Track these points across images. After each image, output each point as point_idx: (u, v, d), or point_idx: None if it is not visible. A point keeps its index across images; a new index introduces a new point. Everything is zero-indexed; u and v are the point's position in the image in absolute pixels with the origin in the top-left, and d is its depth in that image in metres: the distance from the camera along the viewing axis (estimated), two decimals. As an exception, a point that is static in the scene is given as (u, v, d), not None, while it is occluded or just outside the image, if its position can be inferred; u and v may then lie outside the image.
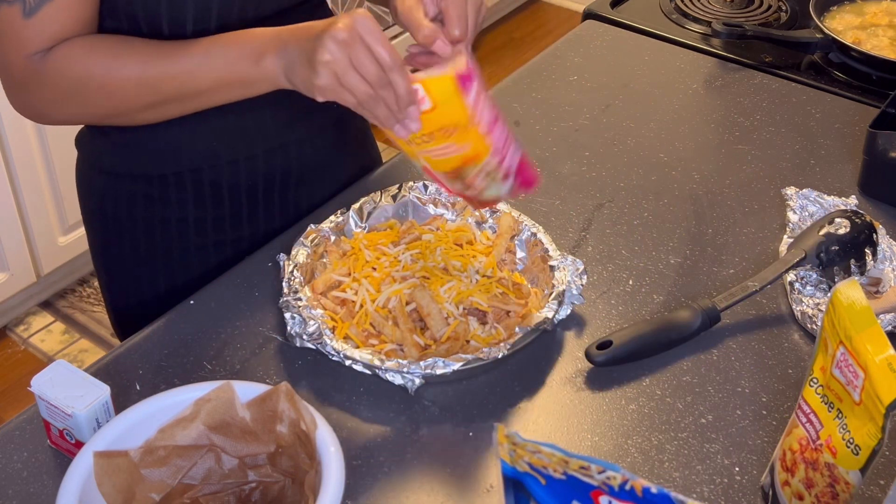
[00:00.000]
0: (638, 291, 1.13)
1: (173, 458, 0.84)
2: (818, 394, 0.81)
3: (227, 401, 0.84)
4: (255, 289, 1.12)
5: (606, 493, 0.59)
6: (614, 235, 1.21)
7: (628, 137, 1.39)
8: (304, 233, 1.12)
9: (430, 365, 0.97)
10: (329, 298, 1.07)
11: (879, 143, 1.24)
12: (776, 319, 1.10)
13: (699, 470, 0.93)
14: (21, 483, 0.91)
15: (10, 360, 2.42)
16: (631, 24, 1.67)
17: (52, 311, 2.53)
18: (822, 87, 1.51)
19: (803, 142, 1.38)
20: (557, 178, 1.30)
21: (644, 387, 1.02)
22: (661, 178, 1.31)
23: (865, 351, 0.74)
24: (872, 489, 0.92)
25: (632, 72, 1.54)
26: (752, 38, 1.61)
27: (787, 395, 1.00)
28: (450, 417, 0.98)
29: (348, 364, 0.99)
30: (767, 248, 1.19)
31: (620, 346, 1.02)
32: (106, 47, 1.00)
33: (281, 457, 0.85)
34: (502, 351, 0.99)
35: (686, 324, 1.05)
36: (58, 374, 0.91)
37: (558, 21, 3.79)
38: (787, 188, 1.26)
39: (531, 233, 1.13)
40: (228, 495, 0.86)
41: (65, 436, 0.91)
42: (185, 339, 1.05)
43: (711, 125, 1.42)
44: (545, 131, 1.40)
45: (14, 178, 2.22)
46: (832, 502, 0.81)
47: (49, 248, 2.39)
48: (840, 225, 1.13)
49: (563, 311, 1.05)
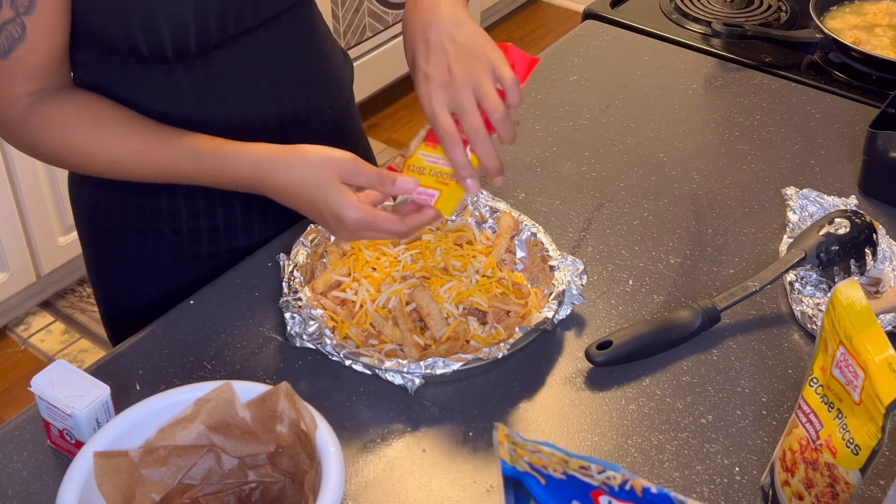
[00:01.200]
0: (638, 291, 1.13)
1: (173, 458, 0.84)
2: (818, 394, 0.81)
3: (227, 401, 0.84)
4: (255, 289, 1.12)
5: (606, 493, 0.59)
6: (614, 235, 1.21)
7: (628, 137, 1.39)
8: (304, 233, 1.12)
9: (430, 365, 0.97)
10: (329, 298, 1.07)
11: (879, 143, 1.24)
12: (776, 319, 1.10)
13: (699, 470, 0.93)
14: (21, 483, 0.91)
15: (10, 360, 2.42)
16: (631, 24, 1.67)
17: (52, 311, 2.53)
18: (822, 87, 1.51)
19: (803, 142, 1.38)
20: (557, 178, 1.30)
21: (644, 387, 1.02)
22: (661, 178, 1.31)
23: (865, 351, 0.74)
24: (872, 489, 0.92)
25: (632, 72, 1.54)
26: (752, 38, 1.61)
27: (787, 395, 1.00)
28: (450, 417, 0.98)
29: (348, 364, 0.99)
30: (767, 248, 1.19)
31: (620, 346, 1.02)
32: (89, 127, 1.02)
33: (281, 457, 0.85)
34: (502, 351, 0.99)
35: (686, 324, 1.05)
36: (58, 374, 0.91)
37: (558, 21, 3.79)
38: (787, 188, 1.26)
39: (531, 233, 1.13)
40: (228, 495, 0.86)
41: (65, 436, 0.91)
42: (185, 339, 1.05)
43: (711, 125, 1.42)
44: (545, 131, 1.40)
45: (14, 178, 2.22)
46: (832, 502, 0.81)
47: (49, 248, 2.39)
48: (840, 225, 1.13)
49: (563, 311, 1.05)
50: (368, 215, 0.94)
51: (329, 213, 0.95)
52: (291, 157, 0.97)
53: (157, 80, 1.05)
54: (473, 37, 0.95)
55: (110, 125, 1.02)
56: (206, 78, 1.06)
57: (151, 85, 1.05)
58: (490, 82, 0.94)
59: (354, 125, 1.29)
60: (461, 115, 0.94)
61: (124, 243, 1.18)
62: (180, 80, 1.05)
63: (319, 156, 0.96)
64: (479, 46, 0.94)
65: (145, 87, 1.05)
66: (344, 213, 0.94)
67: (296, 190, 0.97)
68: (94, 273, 1.25)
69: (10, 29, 0.95)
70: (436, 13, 0.96)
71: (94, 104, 1.03)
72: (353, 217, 0.94)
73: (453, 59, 0.94)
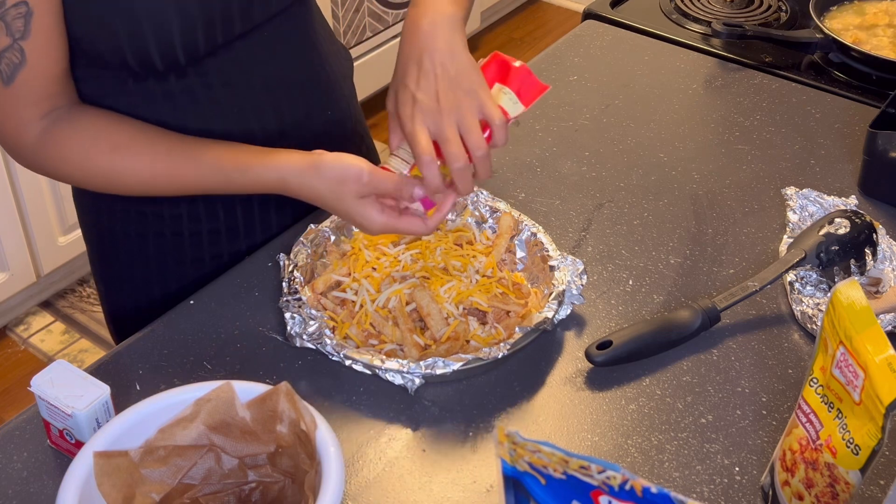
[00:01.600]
0: (638, 291, 1.13)
1: (173, 458, 0.84)
2: (818, 394, 0.81)
3: (227, 401, 0.84)
4: (255, 289, 1.12)
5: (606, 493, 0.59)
6: (614, 235, 1.21)
7: (628, 137, 1.39)
8: (305, 233, 1.12)
9: (430, 365, 0.97)
10: (329, 298, 1.07)
11: (879, 143, 1.24)
12: (776, 319, 1.10)
13: (699, 470, 0.93)
14: (21, 483, 0.91)
15: (10, 360, 2.42)
16: (631, 24, 1.67)
17: (52, 311, 2.53)
18: (822, 87, 1.51)
19: (803, 142, 1.38)
20: (557, 178, 1.30)
21: (644, 387, 1.02)
22: (661, 178, 1.31)
23: (865, 351, 0.74)
24: (872, 489, 0.92)
25: (632, 72, 1.54)
26: (752, 38, 1.61)
27: (787, 395, 1.00)
28: (450, 417, 0.98)
29: (348, 364, 0.99)
30: (767, 248, 1.19)
31: (620, 346, 1.02)
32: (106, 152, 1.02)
33: (281, 457, 0.85)
34: (502, 351, 0.99)
35: (686, 324, 1.05)
36: (58, 374, 0.91)
37: (558, 21, 3.79)
38: (787, 188, 1.26)
39: (531, 233, 1.13)
40: (228, 495, 0.86)
41: (65, 436, 0.91)
42: (185, 339, 1.05)
43: (711, 125, 1.42)
44: (545, 131, 1.40)
45: (14, 178, 2.22)
46: (832, 502, 0.81)
47: (49, 248, 2.39)
48: (840, 225, 1.13)
49: (563, 311, 1.05)
50: (392, 220, 1.00)
51: (354, 222, 1.01)
52: (308, 170, 1.00)
53: (152, 91, 1.05)
54: (466, 70, 0.97)
55: (128, 148, 1.02)
56: (200, 86, 1.06)
57: (147, 95, 1.05)
58: (475, 118, 0.97)
59: (357, 125, 1.29)
60: (443, 143, 0.97)
61: (127, 246, 1.18)
62: (174, 88, 1.05)
63: (336, 172, 0.99)
64: (470, 81, 0.97)
65: (141, 98, 1.05)
66: (369, 224, 1.00)
67: (320, 201, 1.01)
68: (98, 273, 1.25)
69: (10, 56, 0.95)
70: (433, 40, 0.98)
71: (109, 125, 1.03)
72: (378, 227, 1.00)
73: (443, 88, 0.97)
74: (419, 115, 0.97)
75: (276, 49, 1.11)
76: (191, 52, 1.02)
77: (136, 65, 1.01)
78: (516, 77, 1.00)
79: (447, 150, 0.96)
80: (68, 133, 1.01)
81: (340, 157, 0.99)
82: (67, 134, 1.01)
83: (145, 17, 0.97)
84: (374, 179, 0.98)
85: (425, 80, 0.97)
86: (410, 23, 1.00)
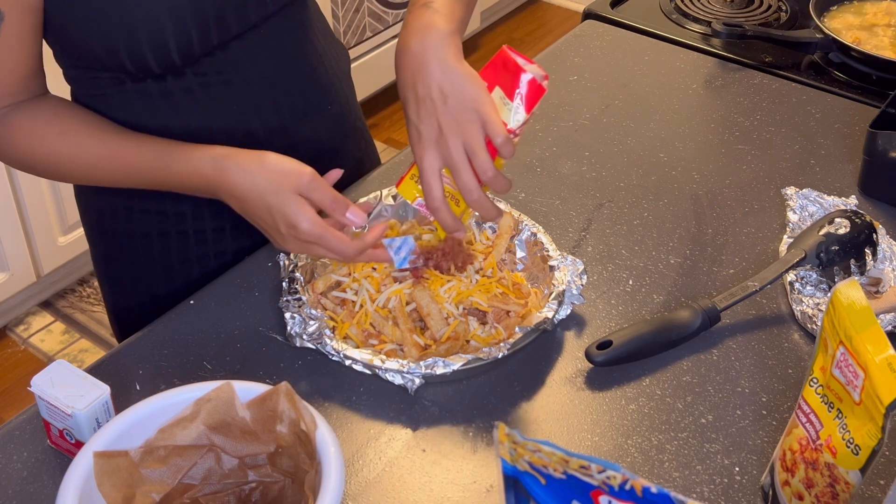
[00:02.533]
0: (638, 291, 1.13)
1: (173, 458, 0.84)
2: (818, 394, 0.81)
3: (227, 401, 0.84)
4: (255, 289, 1.12)
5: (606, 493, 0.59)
6: (614, 235, 1.21)
7: (628, 137, 1.39)
8: (304, 233, 1.12)
9: (430, 365, 0.97)
10: (329, 298, 1.07)
11: (879, 143, 1.24)
12: (776, 319, 1.10)
13: (699, 470, 0.93)
14: (21, 483, 0.91)
15: (10, 360, 2.42)
16: (631, 24, 1.67)
17: (52, 311, 2.53)
18: (822, 87, 1.51)
19: (803, 142, 1.38)
20: (557, 178, 1.30)
21: (644, 387, 1.02)
22: (661, 178, 1.31)
23: (865, 351, 0.74)
24: (872, 489, 0.92)
25: (632, 72, 1.54)
26: (752, 38, 1.61)
27: (787, 395, 1.00)
28: (450, 417, 0.98)
29: (348, 364, 0.99)
30: (767, 248, 1.19)
31: (620, 346, 1.02)
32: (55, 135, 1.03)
33: (281, 457, 0.85)
34: (502, 351, 0.99)
35: (686, 324, 1.05)
36: (58, 374, 0.91)
37: (558, 21, 3.79)
38: (787, 188, 1.26)
39: (531, 233, 1.13)
40: (228, 495, 0.86)
41: (65, 436, 0.91)
42: (185, 339, 1.05)
43: (711, 125, 1.42)
44: (545, 131, 1.40)
45: (14, 178, 2.22)
46: (832, 502, 0.81)
47: (49, 248, 2.39)
48: (840, 225, 1.13)
49: (563, 311, 1.05)
50: (321, 229, 0.96)
51: (283, 220, 0.97)
52: (250, 162, 0.99)
53: (150, 91, 1.05)
54: (462, 88, 0.93)
55: (77, 132, 1.04)
56: (198, 85, 1.07)
57: (145, 97, 1.06)
58: (479, 137, 0.93)
59: (357, 120, 1.29)
60: (454, 172, 0.94)
61: (131, 246, 1.18)
62: (173, 88, 1.06)
63: (279, 165, 0.98)
64: (469, 99, 0.92)
65: (139, 100, 1.06)
66: (298, 222, 0.96)
67: (252, 194, 0.98)
68: (102, 273, 1.25)
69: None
70: (425, 64, 0.94)
71: (64, 112, 1.04)
72: (307, 227, 0.96)
73: (442, 113, 0.93)
74: (427, 153, 0.94)
75: (273, 48, 1.11)
76: (186, 54, 1.02)
77: (132, 67, 1.01)
78: (521, 79, 0.98)
79: (458, 180, 0.94)
80: (23, 118, 1.03)
81: (287, 157, 0.99)
82: (21, 120, 1.03)
83: (139, 21, 0.98)
84: (316, 183, 0.97)
85: (424, 108, 0.94)
86: (401, 47, 0.96)
